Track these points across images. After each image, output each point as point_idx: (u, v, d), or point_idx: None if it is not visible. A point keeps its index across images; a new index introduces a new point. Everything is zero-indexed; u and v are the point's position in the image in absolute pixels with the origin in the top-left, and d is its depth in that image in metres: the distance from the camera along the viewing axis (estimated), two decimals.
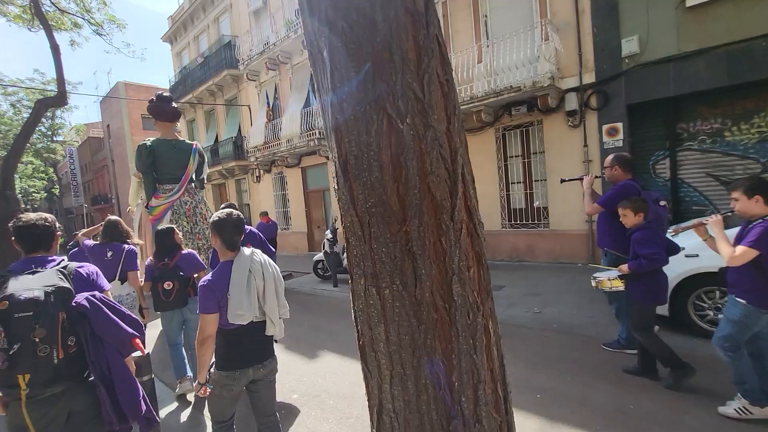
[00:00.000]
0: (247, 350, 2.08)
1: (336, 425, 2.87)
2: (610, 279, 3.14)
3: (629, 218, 3.07)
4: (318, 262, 8.56)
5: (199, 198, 5.94)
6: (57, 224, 2.19)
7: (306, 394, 3.31)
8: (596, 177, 3.95)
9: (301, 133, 11.42)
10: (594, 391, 3.01)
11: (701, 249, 3.47)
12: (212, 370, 2.09)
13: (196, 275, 3.55)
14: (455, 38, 8.71)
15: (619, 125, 6.77)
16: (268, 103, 13.04)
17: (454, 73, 8.14)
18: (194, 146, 5.83)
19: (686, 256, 3.79)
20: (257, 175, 14.58)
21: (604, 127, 6.93)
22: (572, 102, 7.15)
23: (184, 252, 3.53)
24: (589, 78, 7.00)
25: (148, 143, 5.51)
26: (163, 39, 19.17)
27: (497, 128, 8.31)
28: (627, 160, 3.61)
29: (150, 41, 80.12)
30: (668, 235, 3.33)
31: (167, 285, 3.36)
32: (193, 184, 5.90)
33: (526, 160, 8.19)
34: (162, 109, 5.62)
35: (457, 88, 7.88)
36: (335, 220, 8.59)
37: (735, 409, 2.55)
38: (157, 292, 3.37)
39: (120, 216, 5.51)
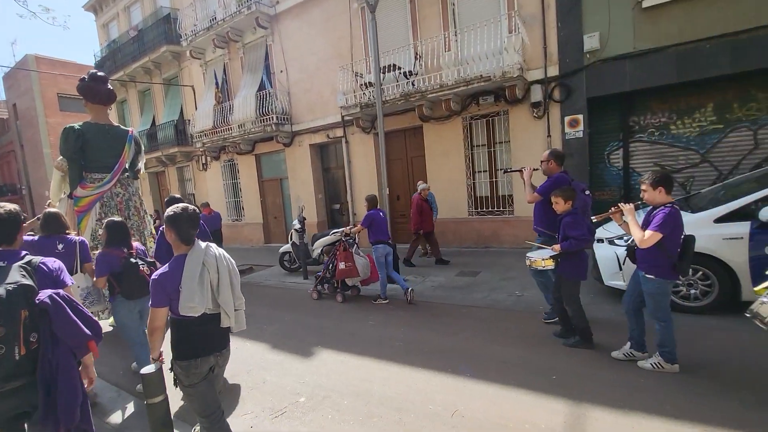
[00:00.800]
0: (202, 340, 2.13)
1: (360, 427, 2.67)
2: (543, 259, 3.53)
3: (560, 205, 3.52)
4: (285, 254, 8.14)
5: (133, 190, 5.42)
6: (23, 215, 1.98)
7: (314, 395, 3.07)
8: (534, 169, 4.27)
9: (257, 117, 10.72)
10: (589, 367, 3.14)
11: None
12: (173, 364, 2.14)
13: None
14: (422, 24, 8.62)
15: (580, 117, 7.15)
16: (216, 84, 12.07)
17: (423, 59, 8.08)
18: (130, 133, 5.23)
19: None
20: (203, 162, 13.50)
21: (566, 119, 7.28)
22: (537, 94, 7.41)
23: (135, 243, 3.47)
24: (554, 71, 7.29)
25: (77, 126, 4.84)
26: (85, 8, 16.88)
27: (464, 117, 8.41)
28: (561, 155, 4.13)
29: (71, 10, 70.28)
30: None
31: (145, 269, 3.27)
32: (126, 175, 5.32)
33: (490, 150, 8.40)
34: (95, 89, 4.96)
35: (426, 75, 7.85)
36: (302, 209, 8.21)
37: (651, 364, 3.09)
38: (131, 279, 3.21)
39: (33, 210, 4.74)
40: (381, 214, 5.60)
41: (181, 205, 2.20)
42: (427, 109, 8.41)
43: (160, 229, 3.35)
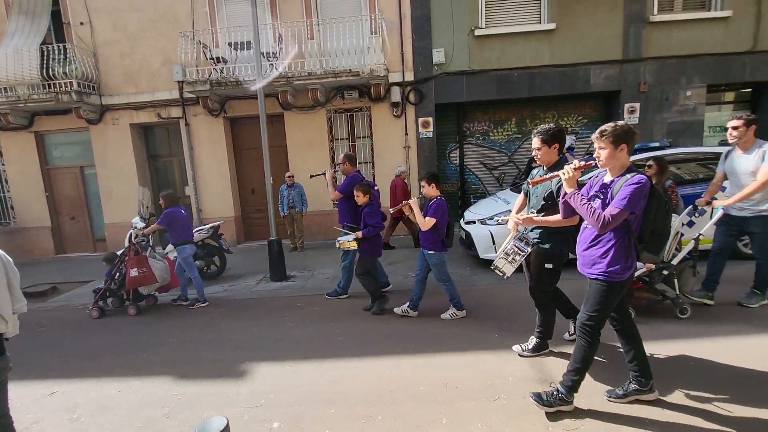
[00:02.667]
0: None
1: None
2: (348, 241, 4.38)
3: (360, 198, 4.37)
4: None
5: None
6: None
7: (287, 417, 2.62)
8: (335, 171, 5.08)
9: (44, 81, 7.86)
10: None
11: None
12: None
13: None
14: (282, 5, 8.18)
15: (430, 120, 8.35)
16: None
17: (284, 43, 7.71)
18: None
19: None
20: None
21: (420, 120, 8.36)
22: (396, 95, 8.21)
23: None
24: (409, 76, 8.23)
25: None
26: None
27: (328, 109, 8.49)
28: (353, 158, 4.98)
29: None
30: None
31: None
32: None
33: (352, 143, 8.79)
34: None
35: (288, 61, 7.59)
36: (144, 205, 6.59)
37: (449, 315, 4.10)
38: None
39: None
40: (182, 211, 5.21)
41: None
42: (291, 97, 8.10)
43: None
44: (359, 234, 4.31)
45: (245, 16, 8.21)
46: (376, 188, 4.89)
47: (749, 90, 8.40)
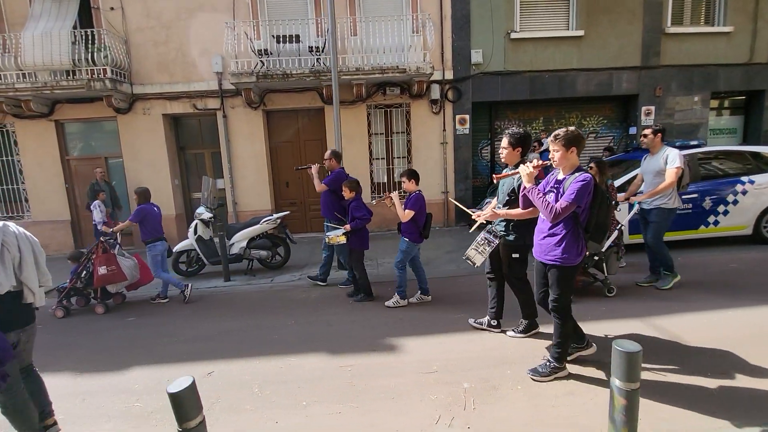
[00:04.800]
0: (6, 316, 2.23)
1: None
2: (337, 236, 4.55)
3: (347, 193, 4.59)
4: (182, 253, 6.23)
5: None
6: None
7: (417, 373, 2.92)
8: (321, 166, 5.29)
9: (74, 66, 7.50)
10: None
11: None
12: None
13: None
14: (326, 1, 8.22)
15: (467, 117, 8.73)
16: None
17: (327, 40, 7.79)
18: None
19: None
20: None
21: (457, 117, 8.72)
22: (436, 92, 8.52)
23: None
24: (449, 74, 8.57)
25: None
26: None
27: (369, 104, 8.66)
28: (339, 155, 5.27)
29: None
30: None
31: None
32: None
33: (388, 138, 9.01)
34: None
35: (329, 57, 7.72)
36: (213, 198, 6.52)
37: (393, 302, 4.41)
38: None
39: None
40: (155, 208, 5.21)
41: None
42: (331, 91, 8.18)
43: None
44: (348, 227, 4.48)
45: (287, 9, 8.29)
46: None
47: (743, 98, 9.43)
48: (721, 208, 6.02)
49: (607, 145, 8.77)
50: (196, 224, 6.11)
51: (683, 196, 5.92)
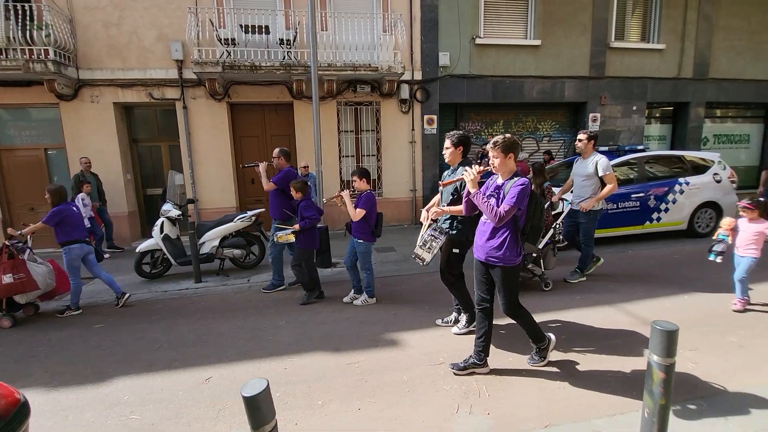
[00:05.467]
0: None
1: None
2: (286, 234, 4.50)
3: (295, 194, 4.53)
4: (147, 253, 5.79)
5: None
6: None
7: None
8: (268, 164, 5.18)
9: (8, 44, 6.65)
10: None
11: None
12: None
13: None
14: None
15: (435, 117, 8.98)
16: None
17: (296, 32, 7.64)
18: None
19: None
20: None
21: (425, 117, 8.95)
22: (405, 92, 8.67)
23: None
24: (418, 75, 8.75)
25: None
26: None
27: (338, 101, 8.59)
28: (288, 153, 5.19)
29: None
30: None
31: None
32: None
33: (357, 136, 9.01)
34: None
35: (300, 51, 7.62)
36: (181, 194, 6.11)
37: (362, 301, 4.44)
38: None
39: None
40: (74, 207, 4.69)
41: None
42: (305, 86, 8.03)
43: None
44: (297, 227, 4.42)
45: None
46: (309, 184, 5.17)
47: (671, 108, 10.64)
48: (663, 206, 6.80)
49: (547, 150, 9.45)
50: (163, 222, 5.72)
51: (632, 195, 6.62)
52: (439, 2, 8.58)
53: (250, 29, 7.61)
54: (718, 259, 4.01)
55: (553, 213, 5.13)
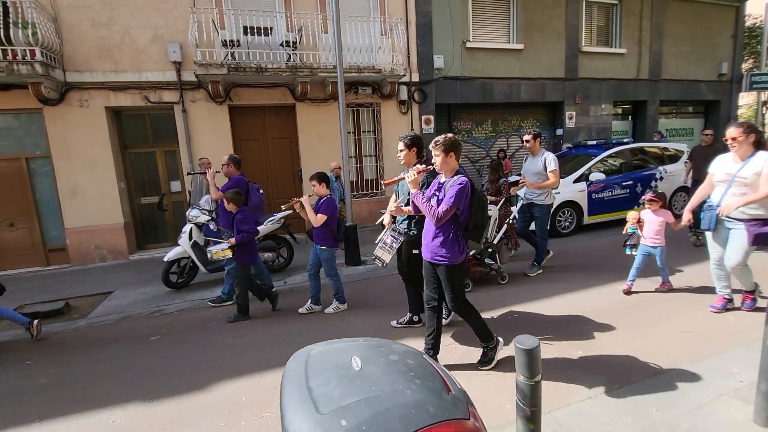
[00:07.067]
0: None
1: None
2: (222, 250, 4.43)
3: (228, 206, 4.21)
4: (175, 262, 5.52)
5: None
6: None
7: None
8: (216, 172, 5.07)
9: None
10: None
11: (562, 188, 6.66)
12: None
13: None
14: None
15: (432, 117, 9.33)
16: None
17: (300, 34, 7.66)
18: None
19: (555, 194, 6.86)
20: None
21: (423, 117, 9.27)
22: (404, 93, 8.94)
23: None
24: (415, 77, 9.05)
25: None
26: None
27: None
28: (238, 160, 5.01)
29: None
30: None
31: None
32: None
33: (358, 137, 9.13)
34: None
35: (303, 52, 7.69)
36: (204, 194, 5.87)
37: (333, 308, 4.31)
38: None
39: None
40: None
41: None
42: (307, 88, 8.03)
43: None
44: (232, 241, 4.17)
45: (253, 0, 7.86)
46: (261, 192, 5.24)
47: (630, 106, 11.84)
48: (647, 192, 7.61)
49: (501, 148, 10.11)
50: (191, 228, 5.50)
51: (623, 183, 7.35)
52: (432, 7, 8.97)
53: (250, 31, 7.50)
54: (633, 252, 4.28)
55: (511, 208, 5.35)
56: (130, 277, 6.35)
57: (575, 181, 7.16)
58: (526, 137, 4.94)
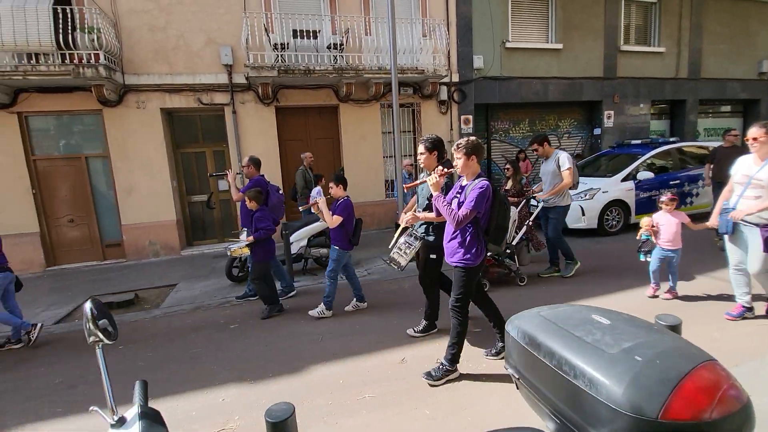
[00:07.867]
0: None
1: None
2: (240, 248, 4.41)
3: (249, 204, 4.35)
4: (234, 258, 5.68)
5: None
6: None
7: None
8: (237, 174, 5.30)
9: (55, 49, 6.36)
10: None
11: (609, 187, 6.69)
12: None
13: None
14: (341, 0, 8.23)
15: (470, 117, 9.38)
16: None
17: (346, 36, 7.82)
18: None
19: (603, 192, 6.84)
20: None
21: (462, 117, 9.33)
22: (444, 94, 9.02)
23: None
24: (455, 78, 9.13)
25: None
26: None
27: (382, 103, 8.79)
28: (258, 162, 4.97)
29: None
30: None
31: None
32: None
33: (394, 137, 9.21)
34: None
35: (349, 54, 7.83)
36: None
37: (318, 312, 4.19)
38: None
39: None
40: None
41: None
42: (351, 89, 8.18)
43: None
44: (251, 239, 4.30)
45: (299, 4, 8.07)
46: (280, 193, 5.28)
47: (667, 105, 11.67)
48: (695, 191, 7.51)
49: (521, 149, 9.99)
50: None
51: (670, 182, 7.25)
52: (473, 9, 9.04)
53: (298, 34, 7.69)
54: (648, 258, 4.21)
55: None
56: (186, 272, 6.56)
57: (623, 180, 7.10)
58: (533, 147, 4.92)
